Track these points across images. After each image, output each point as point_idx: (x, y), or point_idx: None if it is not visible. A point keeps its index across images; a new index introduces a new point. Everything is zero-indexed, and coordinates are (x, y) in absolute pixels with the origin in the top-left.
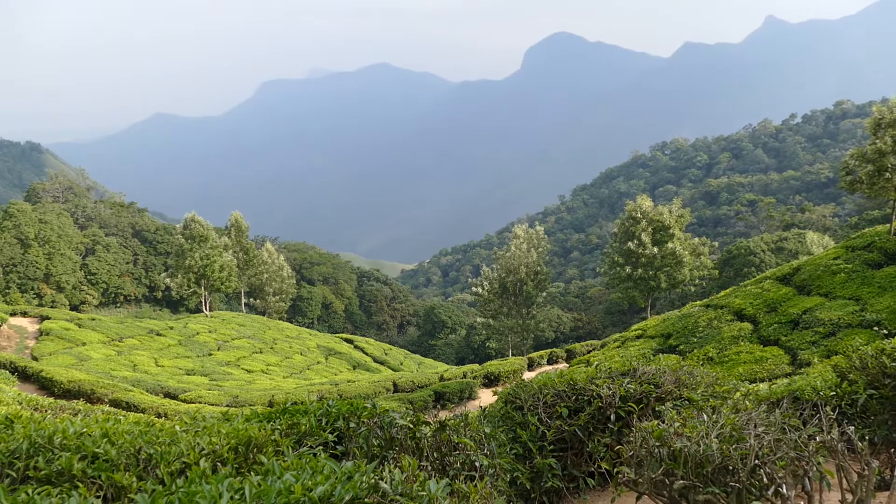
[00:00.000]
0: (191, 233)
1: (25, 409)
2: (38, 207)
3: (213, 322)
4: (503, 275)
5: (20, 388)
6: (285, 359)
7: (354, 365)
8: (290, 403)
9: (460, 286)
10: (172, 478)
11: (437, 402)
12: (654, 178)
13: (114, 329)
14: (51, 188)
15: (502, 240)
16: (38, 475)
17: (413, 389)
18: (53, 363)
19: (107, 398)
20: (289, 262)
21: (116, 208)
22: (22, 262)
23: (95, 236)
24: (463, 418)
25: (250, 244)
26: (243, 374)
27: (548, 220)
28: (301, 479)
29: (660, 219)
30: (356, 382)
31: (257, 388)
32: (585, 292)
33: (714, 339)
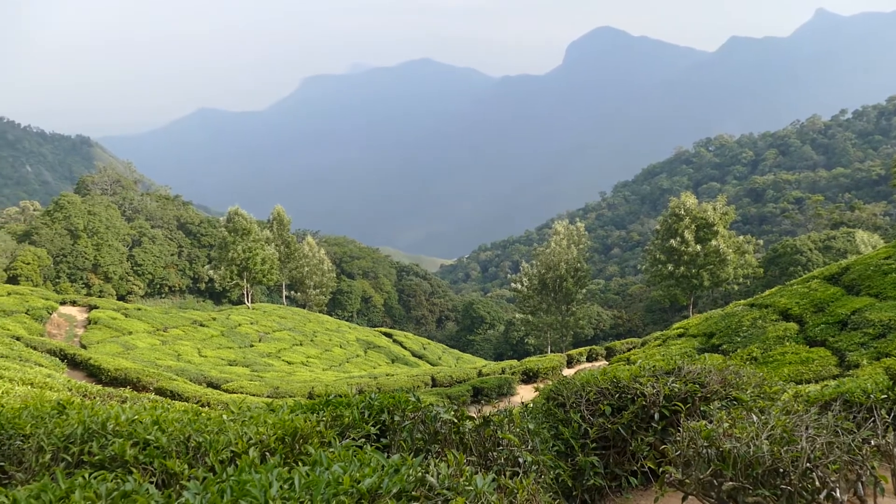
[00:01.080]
0: (234, 226)
1: (75, 395)
2: (88, 199)
3: (255, 314)
4: (543, 271)
5: (69, 374)
6: (325, 351)
7: (393, 359)
8: (333, 396)
9: (499, 282)
10: (223, 466)
11: (475, 398)
12: (698, 174)
13: (159, 319)
14: (99, 181)
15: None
16: (92, 460)
17: (451, 384)
18: (101, 351)
19: (152, 386)
20: (329, 255)
21: (162, 201)
22: (72, 252)
23: (142, 228)
24: (507, 414)
25: (292, 238)
26: (284, 365)
27: (588, 217)
28: (349, 470)
29: (703, 216)
30: (395, 376)
31: (297, 380)
32: (626, 290)
33: (758, 339)
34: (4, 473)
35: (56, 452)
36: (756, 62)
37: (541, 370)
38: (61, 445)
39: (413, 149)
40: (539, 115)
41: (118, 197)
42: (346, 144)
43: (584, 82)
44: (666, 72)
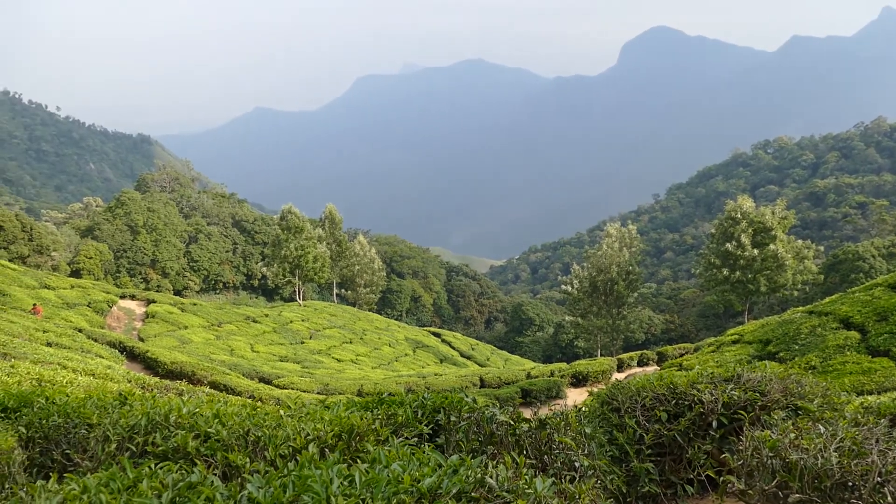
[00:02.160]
0: (287, 224)
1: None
2: (147, 196)
3: (306, 311)
4: (594, 273)
5: (128, 366)
6: (374, 350)
7: (441, 358)
8: (386, 394)
9: (549, 283)
10: (284, 461)
11: (523, 400)
12: (755, 177)
13: (213, 314)
14: (159, 178)
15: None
16: (155, 451)
17: (500, 385)
18: (158, 345)
19: (206, 380)
20: (380, 254)
21: (218, 199)
22: (131, 247)
23: (198, 225)
24: (563, 417)
25: (343, 236)
26: (333, 362)
27: (641, 219)
28: (408, 469)
29: (761, 220)
30: (443, 376)
31: (347, 378)
32: (678, 294)
33: (817, 348)
34: (70, 460)
35: (121, 442)
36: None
37: (590, 374)
38: (126, 435)
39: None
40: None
41: (176, 194)
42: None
43: (639, 83)
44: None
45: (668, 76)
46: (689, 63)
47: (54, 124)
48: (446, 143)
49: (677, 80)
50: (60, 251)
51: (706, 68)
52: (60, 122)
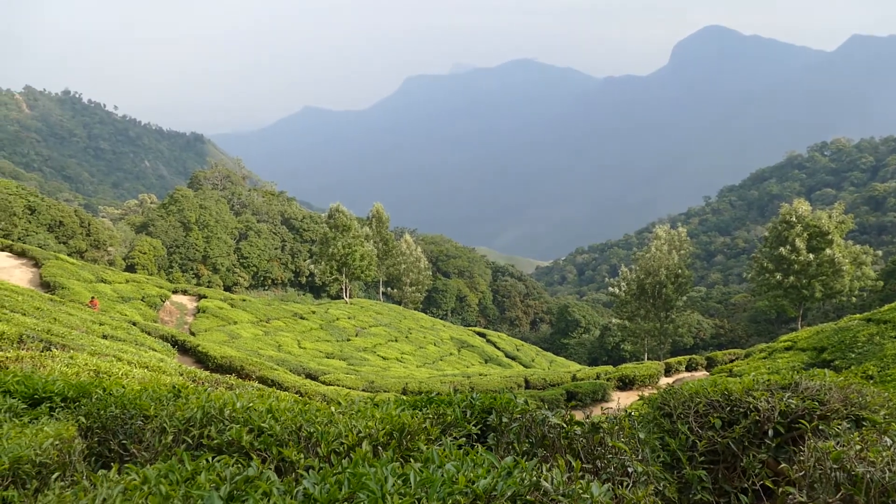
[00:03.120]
0: (335, 222)
1: (186, 380)
2: (199, 194)
3: (353, 309)
4: (642, 276)
5: (179, 360)
6: (419, 348)
7: (486, 359)
8: (435, 394)
9: (596, 286)
10: (339, 458)
11: (568, 402)
12: (811, 180)
13: (262, 310)
14: (211, 176)
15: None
16: (210, 444)
17: (544, 387)
18: (208, 339)
19: (254, 375)
20: (426, 253)
21: (268, 197)
22: (184, 243)
23: (248, 222)
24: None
25: (390, 235)
26: (379, 360)
27: (691, 222)
28: (462, 470)
29: (817, 224)
30: (488, 376)
31: (392, 376)
32: (729, 298)
33: (875, 357)
34: (126, 451)
35: (178, 434)
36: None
37: (637, 377)
38: (182, 428)
39: (512, 149)
40: (642, 117)
41: (227, 192)
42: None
43: (691, 83)
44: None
45: (721, 76)
46: (743, 63)
47: (112, 123)
48: (494, 143)
49: (731, 81)
50: (116, 246)
51: (761, 68)
52: (117, 121)
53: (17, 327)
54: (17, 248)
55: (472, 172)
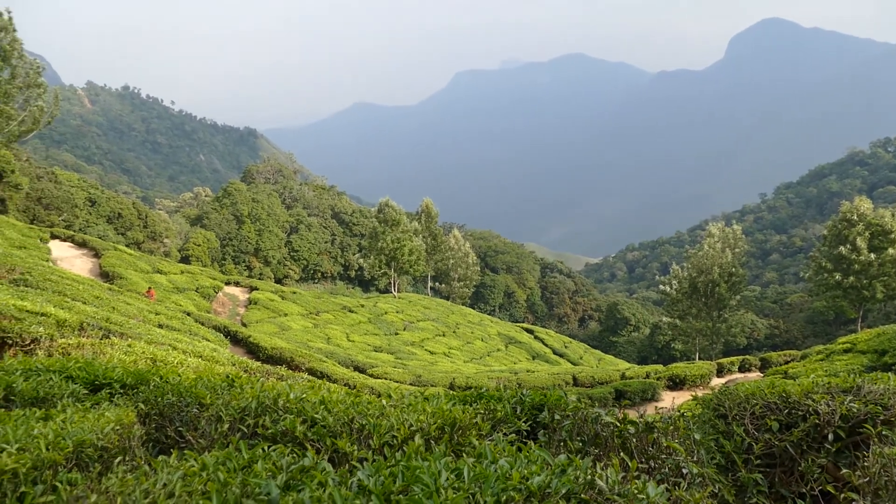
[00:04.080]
0: (384, 216)
1: (238, 370)
2: (252, 187)
3: (401, 303)
4: (694, 274)
5: (231, 350)
6: (466, 343)
7: (534, 355)
8: (484, 389)
9: (646, 283)
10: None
11: (616, 400)
12: (874, 177)
13: (311, 303)
14: (263, 170)
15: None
16: (265, 433)
17: (593, 385)
18: (259, 330)
19: (304, 366)
20: (474, 249)
21: (318, 191)
22: (237, 236)
23: (299, 216)
24: (672, 421)
25: (439, 230)
26: (426, 354)
27: (745, 219)
28: (515, 466)
29: (880, 223)
30: (535, 373)
31: (439, 370)
32: (784, 298)
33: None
34: (182, 438)
35: (233, 423)
36: None
37: (688, 377)
38: (237, 417)
39: (562, 144)
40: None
41: (279, 186)
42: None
43: (748, 77)
44: (840, 66)
45: (779, 70)
46: (802, 56)
47: (168, 118)
48: (545, 138)
49: (789, 74)
50: (172, 238)
51: (822, 61)
52: (174, 116)
53: (79, 315)
54: (79, 238)
55: (521, 167)
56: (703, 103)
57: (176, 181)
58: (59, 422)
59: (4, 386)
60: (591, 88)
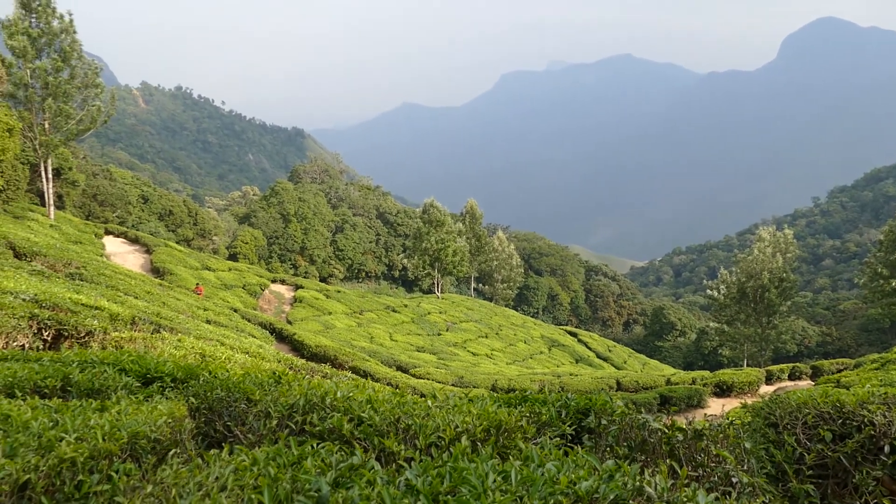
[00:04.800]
0: (429, 217)
1: (284, 367)
2: (299, 187)
3: (444, 304)
4: (743, 279)
5: (276, 347)
6: (509, 345)
7: (577, 358)
8: (529, 392)
9: (693, 288)
10: (440, 451)
11: (661, 406)
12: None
13: (355, 302)
14: (310, 170)
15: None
16: (312, 430)
17: (637, 390)
18: (304, 328)
19: (347, 365)
20: (518, 251)
21: (364, 191)
22: (283, 235)
23: (345, 216)
24: (721, 429)
25: (483, 231)
26: (469, 356)
27: (797, 224)
28: (563, 470)
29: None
30: (579, 377)
31: (481, 372)
32: (837, 305)
33: None
34: (230, 432)
35: (281, 420)
36: None
37: (736, 384)
38: (285, 413)
39: (609, 146)
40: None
41: (325, 185)
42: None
43: (802, 78)
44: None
45: (834, 70)
46: (859, 56)
47: (219, 117)
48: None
49: (845, 75)
50: (220, 235)
51: (879, 62)
52: (224, 116)
53: (131, 310)
54: (131, 234)
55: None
56: (754, 104)
57: (225, 180)
58: (115, 413)
59: (62, 377)
60: (639, 89)
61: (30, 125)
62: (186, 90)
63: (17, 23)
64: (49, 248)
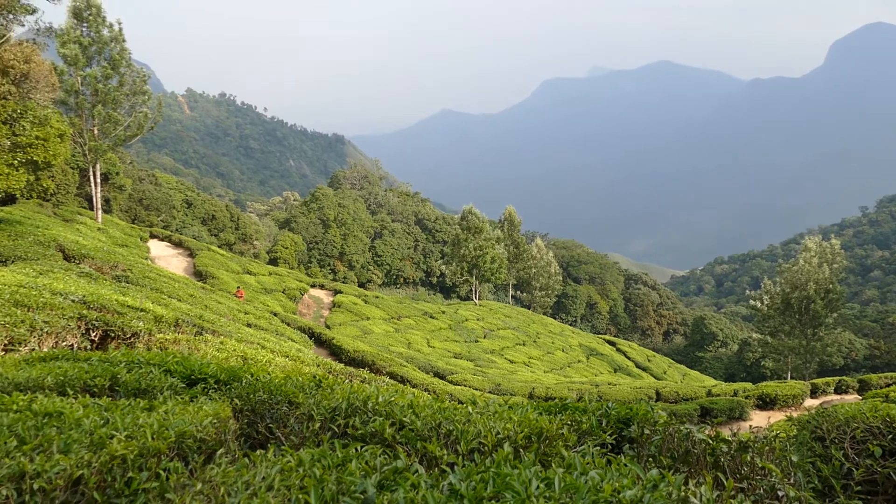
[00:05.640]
0: (467, 224)
1: (323, 371)
2: (339, 193)
3: (482, 310)
4: (787, 290)
5: (315, 351)
6: (547, 353)
7: (615, 368)
8: (569, 400)
9: (735, 298)
10: (483, 457)
11: (702, 418)
12: None
13: (393, 308)
14: (350, 176)
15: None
16: (354, 433)
17: (677, 401)
18: (342, 333)
19: (384, 370)
20: (556, 258)
21: (403, 197)
22: (322, 240)
23: (384, 222)
24: (768, 441)
25: (521, 238)
26: (506, 363)
27: (844, 234)
28: (606, 478)
29: None
30: (617, 386)
31: (518, 379)
32: (886, 318)
33: None
34: (272, 434)
35: (324, 422)
36: None
37: (779, 397)
38: (328, 416)
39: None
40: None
41: (364, 192)
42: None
43: (850, 84)
44: None
45: (885, 76)
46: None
47: (261, 124)
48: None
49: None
50: (261, 240)
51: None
52: (266, 122)
53: (174, 312)
54: (175, 238)
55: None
56: (800, 111)
57: (266, 185)
58: (162, 413)
59: (110, 376)
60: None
61: (80, 131)
62: (230, 97)
63: (69, 32)
64: (96, 251)
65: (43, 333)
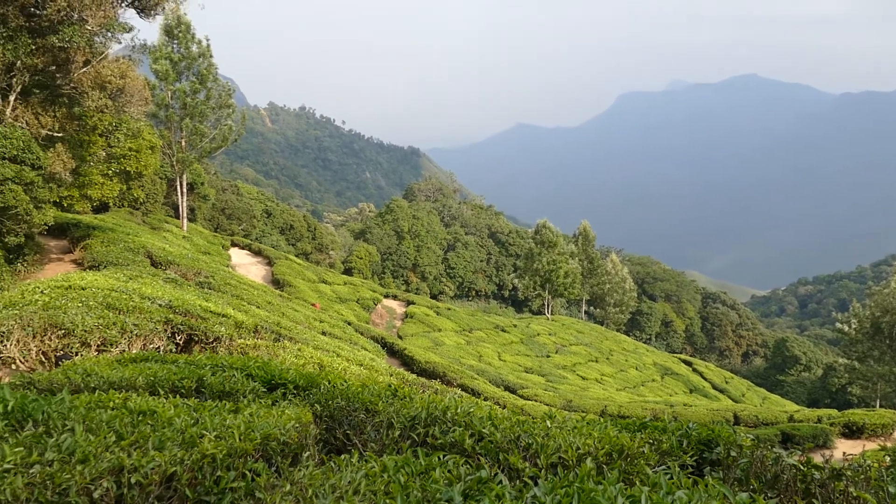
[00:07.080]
0: (541, 238)
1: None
2: (413, 205)
3: (553, 325)
4: (877, 314)
5: (387, 361)
6: (619, 371)
7: (691, 388)
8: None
9: (820, 320)
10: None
11: (783, 444)
12: None
13: (465, 320)
14: (424, 188)
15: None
16: (434, 443)
17: (756, 425)
18: (414, 344)
19: (455, 382)
20: (631, 275)
21: (476, 210)
22: (396, 251)
23: (457, 234)
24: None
25: (595, 254)
26: (578, 379)
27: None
28: (693, 499)
29: None
30: (693, 407)
31: (590, 396)
32: None
33: None
34: (349, 440)
35: (404, 431)
36: None
37: (867, 426)
38: (408, 425)
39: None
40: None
41: (438, 204)
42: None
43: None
44: None
45: None
46: None
47: (339, 136)
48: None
49: None
50: (337, 250)
51: None
52: (344, 135)
53: (254, 318)
54: (255, 247)
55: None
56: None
57: (342, 196)
58: (247, 415)
59: (196, 378)
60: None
61: (168, 143)
62: (309, 110)
63: (161, 48)
64: (181, 258)
65: (132, 336)
